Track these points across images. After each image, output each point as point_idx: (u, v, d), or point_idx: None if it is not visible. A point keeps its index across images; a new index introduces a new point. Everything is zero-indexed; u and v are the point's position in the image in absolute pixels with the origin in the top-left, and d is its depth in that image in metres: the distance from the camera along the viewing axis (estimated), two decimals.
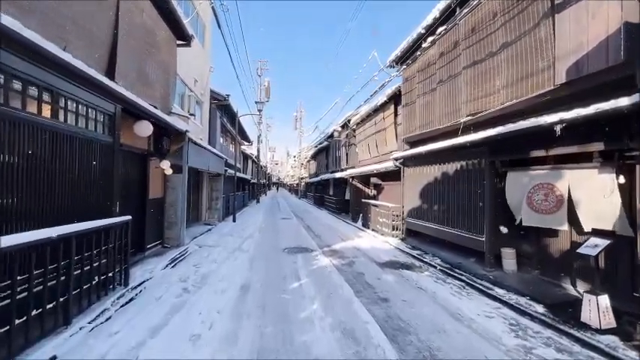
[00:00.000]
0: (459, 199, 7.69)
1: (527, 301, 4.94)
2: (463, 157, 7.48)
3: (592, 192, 4.61)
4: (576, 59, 4.49)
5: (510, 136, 5.63)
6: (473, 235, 7.09)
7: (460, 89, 7.25)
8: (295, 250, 8.65)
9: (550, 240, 5.85)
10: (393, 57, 10.56)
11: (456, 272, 6.60)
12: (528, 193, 5.57)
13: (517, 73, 5.64)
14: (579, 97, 4.57)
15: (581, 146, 4.64)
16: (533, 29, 5.28)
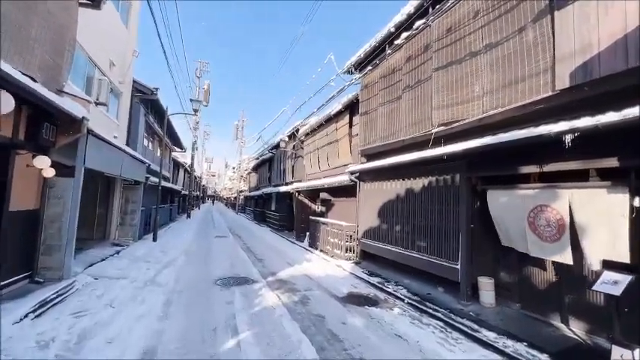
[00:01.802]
0: (427, 219, 6.80)
1: (527, 350, 3.99)
2: (433, 173, 6.65)
3: (598, 216, 3.93)
4: (584, 61, 3.86)
5: (495, 149, 4.86)
6: (445, 261, 6.17)
7: (431, 96, 6.48)
8: (232, 281, 6.77)
9: (534, 269, 5.14)
10: (353, 62, 9.68)
11: (429, 307, 5.53)
12: (529, 217, 4.77)
13: (503, 78, 4.96)
14: (587, 104, 3.92)
15: (586, 162, 3.97)
16: (526, 28, 4.65)
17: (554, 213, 4.45)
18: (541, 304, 4.99)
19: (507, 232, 5.19)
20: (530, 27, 4.62)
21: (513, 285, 5.46)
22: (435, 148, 6.20)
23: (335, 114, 11.95)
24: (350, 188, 10.34)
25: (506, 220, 5.17)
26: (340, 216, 11.50)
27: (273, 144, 21.73)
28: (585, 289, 4.39)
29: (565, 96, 4.13)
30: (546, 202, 4.58)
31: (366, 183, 9.41)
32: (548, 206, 4.55)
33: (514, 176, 5.11)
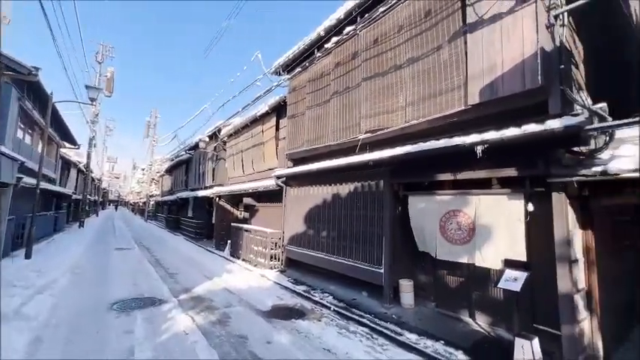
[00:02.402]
0: (353, 225, 6.85)
1: (445, 348, 4.20)
2: (360, 178, 6.75)
3: (500, 220, 4.39)
4: (490, 80, 4.30)
5: (416, 157, 5.12)
6: (370, 266, 6.27)
7: (359, 103, 6.59)
8: (134, 304, 5.66)
9: (447, 270, 5.55)
10: (281, 63, 9.37)
11: (355, 313, 5.51)
12: (441, 221, 5.10)
13: (424, 91, 5.28)
14: (493, 119, 4.37)
15: (491, 171, 4.42)
16: (443, 47, 5.02)
17: (466, 217, 4.86)
18: (453, 301, 5.40)
19: (424, 236, 5.50)
20: (447, 46, 5.00)
21: (429, 285, 5.82)
22: (362, 154, 6.29)
23: (261, 115, 11.43)
24: (276, 193, 9.94)
25: (423, 225, 5.48)
26: (265, 222, 10.98)
27: (192, 144, 19.89)
28: (489, 287, 4.88)
29: (476, 111, 4.55)
30: (458, 207, 4.98)
31: (293, 188, 9.15)
32: (460, 211, 4.95)
33: (432, 183, 5.47)
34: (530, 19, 3.93)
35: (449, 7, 4.97)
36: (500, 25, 4.26)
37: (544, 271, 3.97)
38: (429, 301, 5.75)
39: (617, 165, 3.24)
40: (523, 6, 4.03)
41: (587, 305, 3.89)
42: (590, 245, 4.06)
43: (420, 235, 5.50)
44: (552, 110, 3.80)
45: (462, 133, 4.68)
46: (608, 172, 3.24)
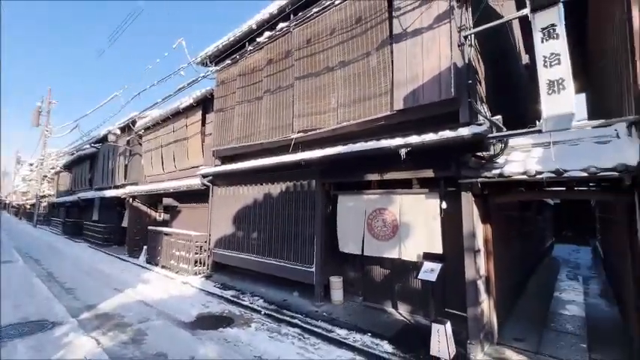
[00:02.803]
0: (285, 225, 6.76)
1: (372, 340, 4.42)
2: (292, 178, 6.70)
3: (420, 217, 4.82)
4: (413, 89, 4.68)
5: (346, 158, 5.29)
6: (301, 265, 6.26)
7: (292, 102, 6.53)
8: (14, 331, 4.59)
9: (373, 265, 5.87)
10: (209, 53, 8.73)
11: (287, 315, 5.44)
12: (368, 219, 5.35)
13: (354, 94, 5.48)
14: (415, 124, 4.75)
15: (413, 172, 4.81)
16: (372, 54, 5.28)
17: (390, 215, 5.20)
18: (378, 294, 5.74)
19: (350, 235, 5.69)
20: (375, 53, 5.28)
21: (358, 281, 6.08)
22: (294, 154, 6.25)
23: (185, 108, 10.50)
24: (201, 193, 9.24)
25: (351, 223, 5.69)
26: (189, 225, 10.13)
27: (98, 137, 17.24)
28: (409, 278, 5.32)
29: (401, 116, 4.90)
30: (384, 205, 5.31)
31: (221, 187, 8.63)
32: (385, 209, 5.29)
33: (360, 183, 5.72)
34: (446, 37, 4.39)
35: (377, 17, 5.25)
36: (421, 39, 4.66)
37: (454, 262, 4.47)
38: (358, 295, 6.01)
39: (509, 168, 3.83)
40: (440, 24, 4.47)
41: (487, 289, 4.52)
42: (488, 237, 4.71)
43: (346, 233, 5.69)
44: (462, 119, 4.30)
45: (389, 136, 5.00)
46: (504, 175, 3.80)
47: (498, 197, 4.64)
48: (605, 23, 5.01)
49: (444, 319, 4.05)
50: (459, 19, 4.26)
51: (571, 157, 3.55)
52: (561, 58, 2.80)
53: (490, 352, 4.08)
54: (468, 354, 3.92)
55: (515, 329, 4.83)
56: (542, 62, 2.90)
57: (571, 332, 4.78)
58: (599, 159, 3.32)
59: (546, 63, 2.86)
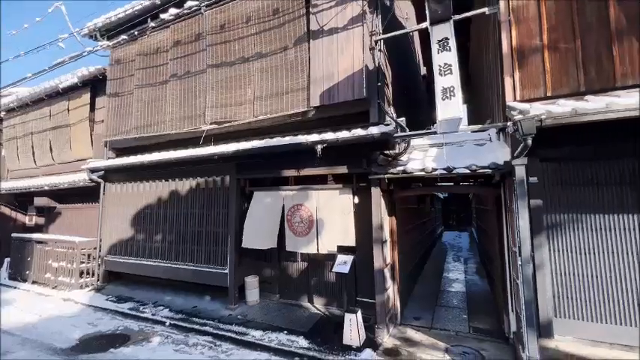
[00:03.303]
0: (195, 225, 6.19)
1: (288, 338, 4.38)
2: (203, 173, 6.16)
3: (335, 211, 4.97)
4: (329, 86, 4.78)
5: (263, 153, 5.13)
6: (214, 268, 5.83)
7: (204, 91, 5.99)
8: None
9: (290, 262, 5.84)
10: (99, 24, 7.36)
11: (196, 322, 5.01)
12: (287, 215, 5.26)
13: (272, 87, 5.33)
14: (331, 122, 4.87)
15: (329, 168, 4.92)
16: (290, 48, 5.20)
17: (307, 211, 5.23)
18: (295, 291, 5.74)
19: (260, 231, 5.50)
20: (293, 48, 5.21)
21: (274, 278, 5.97)
22: (206, 147, 5.76)
23: (67, 88, 8.67)
24: (89, 191, 7.80)
25: (266, 219, 5.52)
26: (72, 229, 8.44)
27: None
28: (324, 272, 5.46)
29: (317, 112, 4.95)
30: (301, 201, 5.32)
31: (116, 184, 7.43)
32: (302, 205, 5.29)
33: (277, 178, 5.61)
34: (359, 39, 4.60)
35: (295, 11, 5.18)
36: (337, 38, 4.79)
37: (364, 253, 4.76)
38: (274, 293, 5.90)
39: (411, 166, 4.24)
40: (354, 26, 4.66)
41: (392, 276, 4.94)
42: (393, 228, 5.17)
43: (259, 229, 5.49)
44: (372, 119, 4.58)
45: (306, 132, 5.02)
46: (407, 171, 4.19)
47: (401, 192, 5.12)
48: (482, 44, 5.99)
49: (356, 308, 4.28)
50: (371, 24, 4.51)
51: (458, 157, 4.13)
52: (452, 68, 3.20)
53: (394, 333, 4.48)
54: (376, 337, 4.21)
55: (414, 309, 5.42)
56: (437, 71, 3.27)
57: (456, 306, 5.61)
58: (478, 158, 3.93)
59: (441, 72, 3.24)
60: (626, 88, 3.10)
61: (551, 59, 3.33)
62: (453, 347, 3.98)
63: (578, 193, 3.91)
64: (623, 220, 3.73)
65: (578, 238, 3.89)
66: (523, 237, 3.24)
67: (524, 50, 3.44)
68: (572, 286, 3.89)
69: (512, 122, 3.04)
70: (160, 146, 6.67)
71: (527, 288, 3.21)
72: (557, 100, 3.28)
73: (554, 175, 3.90)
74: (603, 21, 3.21)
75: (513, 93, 3.49)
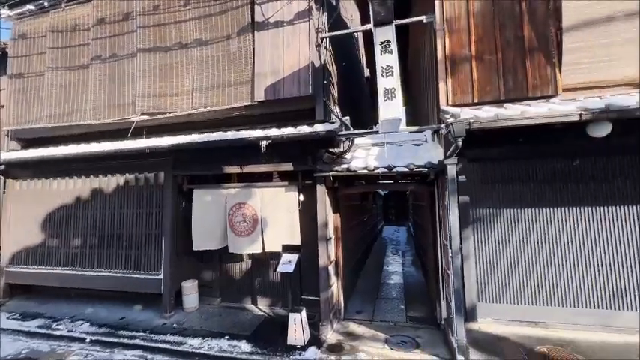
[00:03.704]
0: (123, 228, 5.56)
1: (229, 343, 4.17)
2: (133, 170, 5.55)
3: (280, 209, 4.87)
4: (274, 81, 4.65)
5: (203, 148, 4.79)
6: (145, 274, 5.30)
7: (134, 77, 5.38)
8: None
9: (232, 263, 5.58)
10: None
11: (124, 336, 4.51)
12: (229, 215, 4.98)
13: (213, 78, 5.01)
14: (276, 118, 4.75)
15: (274, 165, 4.80)
16: (232, 38, 4.94)
17: (250, 209, 5.04)
18: (237, 293, 5.50)
19: (206, 233, 5.20)
20: (236, 38, 4.96)
21: (215, 281, 5.65)
22: (137, 140, 5.19)
23: None
24: None
25: (209, 220, 5.21)
26: None
27: None
28: (269, 272, 5.33)
29: (262, 108, 4.79)
30: (244, 200, 5.10)
31: (22, 181, 6.32)
32: (245, 203, 5.09)
33: (219, 176, 5.31)
34: (305, 35, 4.55)
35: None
36: (282, 32, 4.68)
37: (309, 250, 4.74)
38: (215, 297, 5.59)
39: (355, 164, 4.34)
40: (300, 21, 4.60)
41: (336, 272, 5.02)
42: (337, 225, 5.25)
43: (204, 231, 5.18)
44: (318, 117, 4.57)
45: (249, 127, 4.82)
46: (351, 169, 4.27)
47: (346, 189, 5.22)
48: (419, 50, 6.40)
49: (300, 307, 4.25)
50: (317, 21, 4.49)
51: (398, 156, 4.34)
52: (394, 70, 3.34)
53: (338, 328, 4.55)
54: (320, 334, 4.23)
55: (356, 303, 5.59)
56: (380, 72, 3.38)
57: (395, 297, 5.93)
58: (416, 158, 4.17)
59: (384, 73, 3.35)
60: (536, 98, 3.56)
61: (478, 69, 3.67)
62: (392, 337, 4.18)
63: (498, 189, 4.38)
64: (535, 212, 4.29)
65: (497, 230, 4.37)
66: (453, 231, 3.52)
67: (456, 59, 3.74)
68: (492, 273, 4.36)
69: (446, 125, 3.27)
70: (80, 138, 5.83)
71: (456, 277, 3.51)
72: (482, 106, 3.63)
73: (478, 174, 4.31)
74: (519, 39, 3.64)
75: (446, 98, 3.77)
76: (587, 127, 3.09)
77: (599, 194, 4.13)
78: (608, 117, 2.91)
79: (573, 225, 4.15)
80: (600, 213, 4.11)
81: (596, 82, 3.43)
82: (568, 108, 2.96)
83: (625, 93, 3.27)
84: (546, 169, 4.23)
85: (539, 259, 4.21)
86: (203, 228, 5.22)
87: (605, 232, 4.08)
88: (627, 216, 4.05)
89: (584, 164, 4.16)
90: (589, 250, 4.10)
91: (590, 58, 3.42)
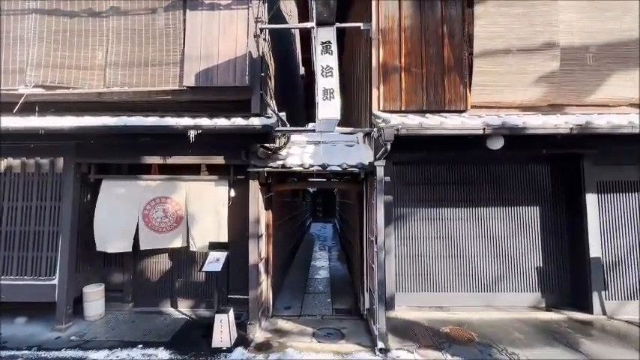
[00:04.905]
0: (1, 224, 4.50)
1: (143, 352, 3.77)
2: (19, 153, 4.55)
3: (209, 205, 4.57)
4: (207, 67, 4.31)
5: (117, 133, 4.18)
6: (33, 280, 4.41)
7: (25, 40, 4.40)
8: None
9: (147, 263, 5.04)
10: None
11: (14, 358, 3.68)
12: (144, 210, 4.44)
13: (133, 55, 4.41)
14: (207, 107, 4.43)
15: (203, 157, 4.47)
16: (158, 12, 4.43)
17: (174, 204, 4.62)
18: (153, 296, 4.99)
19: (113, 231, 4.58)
20: (163, 13, 4.46)
21: (127, 284, 5.01)
22: (26, 117, 4.25)
23: None
24: None
25: (119, 215, 4.59)
26: None
27: None
28: (192, 272, 4.97)
29: (191, 94, 4.40)
30: (166, 193, 4.65)
31: None
32: (168, 198, 4.64)
33: (136, 166, 4.73)
34: (243, 23, 4.34)
35: None
36: (219, 15, 4.37)
37: (238, 248, 4.56)
38: (126, 302, 4.95)
39: (291, 161, 4.33)
40: (238, 8, 4.36)
41: (266, 269, 4.94)
42: (269, 222, 5.18)
43: (111, 228, 4.53)
44: (254, 110, 4.41)
45: (176, 114, 4.40)
46: (286, 166, 4.25)
47: (279, 185, 5.18)
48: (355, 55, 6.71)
49: (227, 307, 4.07)
50: (256, 10, 4.33)
51: (332, 155, 4.48)
52: (333, 71, 3.43)
53: (266, 326, 4.50)
54: (248, 334, 4.11)
55: (285, 299, 5.61)
56: (320, 72, 3.44)
57: (322, 292, 6.13)
58: (348, 158, 4.37)
59: (323, 73, 3.42)
60: (451, 111, 4.07)
61: (407, 80, 4.03)
62: (319, 331, 4.31)
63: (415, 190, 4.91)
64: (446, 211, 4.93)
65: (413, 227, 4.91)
66: (379, 227, 3.80)
67: (388, 68, 4.03)
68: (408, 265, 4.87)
69: (377, 128, 3.50)
70: None
71: (380, 271, 3.79)
72: (408, 114, 4.00)
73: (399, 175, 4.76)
74: (440, 57, 4.11)
75: (378, 103, 4.03)
76: (487, 139, 3.66)
77: (491, 196, 4.96)
78: (503, 132, 3.50)
79: (468, 222, 4.92)
80: (490, 212, 4.95)
81: (495, 103, 4.10)
82: (475, 122, 3.47)
83: (515, 114, 3.98)
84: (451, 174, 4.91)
85: (444, 252, 4.87)
86: (111, 226, 4.57)
87: (491, 228, 4.95)
88: (509, 215, 4.96)
89: (480, 170, 4.96)
90: (479, 244, 4.93)
91: (492, 82, 4.06)
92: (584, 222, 4.57)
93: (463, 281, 4.80)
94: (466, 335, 3.99)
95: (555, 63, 4.02)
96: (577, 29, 4.12)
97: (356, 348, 3.82)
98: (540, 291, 4.78)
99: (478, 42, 4.03)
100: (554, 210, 4.90)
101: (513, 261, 4.82)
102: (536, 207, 4.89)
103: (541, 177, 4.95)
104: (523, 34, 4.01)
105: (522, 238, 4.85)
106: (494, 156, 3.99)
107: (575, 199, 4.73)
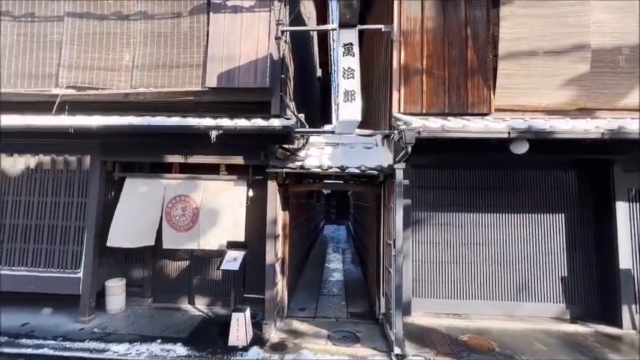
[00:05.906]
0: (31, 218, 4.73)
1: (162, 347, 3.84)
2: (49, 150, 4.76)
3: (227, 204, 4.63)
4: (229, 68, 4.39)
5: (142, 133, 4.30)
6: (59, 272, 4.59)
7: (59, 43, 4.60)
8: None
9: (168, 260, 5.15)
10: None
11: (27, 345, 3.87)
12: (167, 207, 4.55)
13: (158, 57, 4.54)
14: (228, 108, 4.51)
15: (223, 157, 4.54)
16: (183, 16, 4.55)
17: (192, 202, 4.70)
18: (172, 292, 5.10)
19: (130, 227, 4.67)
20: (188, 17, 4.58)
21: (146, 280, 5.14)
22: (58, 116, 4.44)
23: None
24: None
25: (141, 212, 4.70)
26: None
27: None
28: (210, 270, 5.05)
29: (213, 95, 4.49)
30: (186, 192, 4.74)
31: None
32: (187, 196, 4.73)
33: (158, 165, 4.86)
34: (265, 25, 4.40)
35: None
36: (241, 18, 4.45)
37: (255, 248, 4.60)
38: (146, 297, 5.08)
39: (309, 162, 4.34)
40: (260, 10, 4.43)
41: (282, 270, 4.97)
42: (285, 222, 5.20)
43: (128, 226, 4.63)
44: (273, 111, 4.45)
45: (197, 115, 4.49)
46: (304, 167, 4.26)
47: (296, 186, 5.20)
48: (374, 56, 6.68)
49: (244, 306, 4.11)
50: (278, 12, 4.38)
51: (350, 157, 4.46)
52: (355, 73, 3.42)
53: (281, 327, 4.51)
54: (263, 334, 4.14)
55: (299, 301, 5.61)
56: (341, 73, 3.43)
57: (336, 294, 6.10)
58: (367, 160, 4.35)
59: (345, 75, 3.41)
60: (473, 114, 3.98)
61: (428, 82, 3.97)
62: (334, 333, 4.28)
63: (434, 194, 4.82)
64: (466, 217, 4.81)
65: (431, 232, 4.81)
66: (398, 231, 3.75)
67: (409, 70, 3.99)
68: (425, 270, 4.78)
69: (398, 131, 3.47)
70: None
71: (397, 275, 3.74)
72: (429, 117, 3.94)
73: (419, 178, 4.68)
74: (463, 59, 4.04)
75: (399, 105, 3.99)
76: (511, 144, 3.56)
77: (512, 202, 4.81)
78: (529, 137, 3.40)
79: (489, 228, 4.78)
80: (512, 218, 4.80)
81: (520, 106, 3.98)
82: (500, 126, 3.38)
83: (541, 118, 3.86)
84: (471, 178, 4.78)
85: (462, 258, 4.75)
86: (129, 223, 4.66)
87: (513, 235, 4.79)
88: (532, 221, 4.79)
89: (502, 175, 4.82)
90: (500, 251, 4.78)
91: (517, 85, 3.96)
92: (613, 231, 4.36)
93: (483, 289, 4.67)
94: (486, 344, 3.88)
95: (585, 65, 3.88)
96: (609, 30, 3.96)
97: (372, 352, 3.77)
98: (565, 302, 4.59)
99: (503, 44, 3.94)
100: (581, 217, 4.71)
101: (536, 269, 4.66)
102: (560, 214, 4.71)
103: (566, 183, 4.77)
104: (551, 36, 3.89)
105: (546, 246, 4.68)
106: (516, 160, 3.88)
107: (603, 207, 4.53)
